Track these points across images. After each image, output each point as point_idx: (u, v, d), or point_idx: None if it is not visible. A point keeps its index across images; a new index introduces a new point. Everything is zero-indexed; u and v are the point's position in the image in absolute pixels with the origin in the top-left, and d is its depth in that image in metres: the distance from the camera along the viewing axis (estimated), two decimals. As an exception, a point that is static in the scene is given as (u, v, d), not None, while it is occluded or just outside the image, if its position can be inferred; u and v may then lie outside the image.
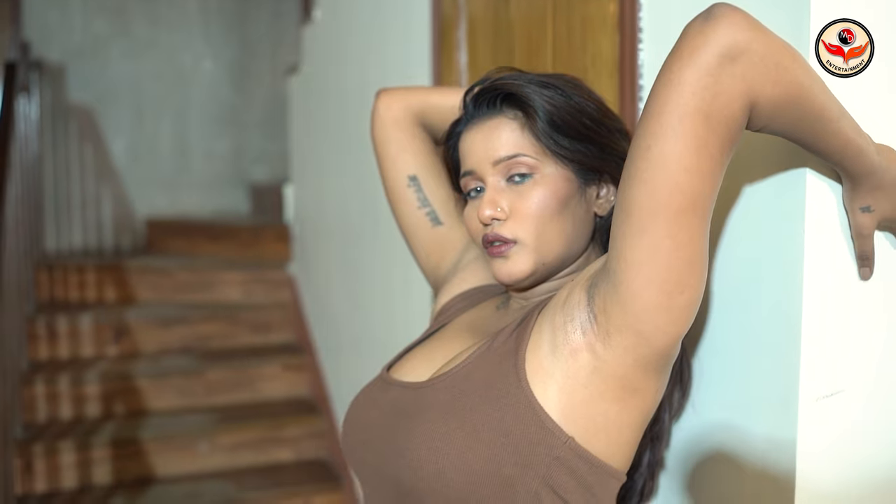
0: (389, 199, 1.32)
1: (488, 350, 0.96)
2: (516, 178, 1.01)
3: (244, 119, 4.64)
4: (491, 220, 1.01)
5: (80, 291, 3.71)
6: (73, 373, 3.16)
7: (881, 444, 1.02)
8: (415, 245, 1.31)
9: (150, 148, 4.47)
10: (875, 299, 0.99)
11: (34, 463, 2.85)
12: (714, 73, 0.77)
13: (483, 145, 1.03)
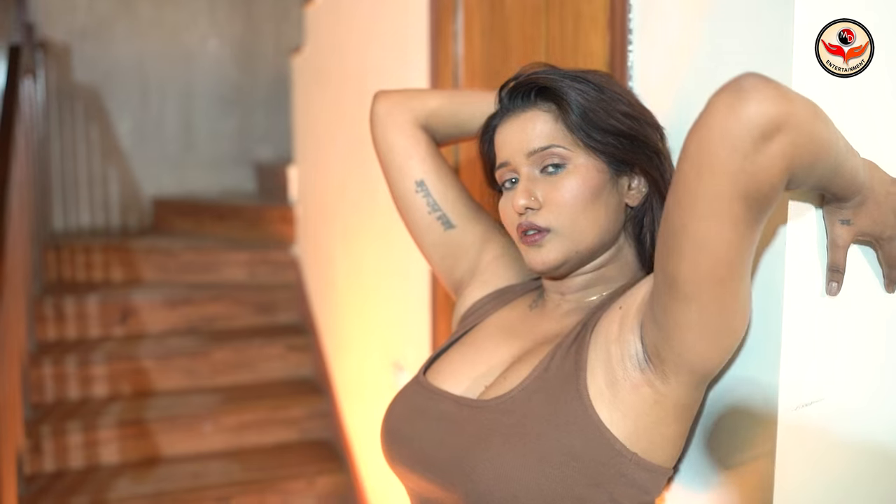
0: (399, 207, 1.29)
1: (546, 371, 0.98)
2: (550, 168, 1.03)
3: (249, 98, 4.65)
4: (525, 209, 1.03)
5: (87, 272, 3.75)
6: (81, 353, 3.20)
7: (859, 452, 1.04)
8: (428, 250, 1.29)
9: (155, 127, 4.49)
10: (853, 309, 1.00)
11: (42, 443, 2.90)
12: (751, 156, 0.74)
13: (517, 137, 1.05)
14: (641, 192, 1.07)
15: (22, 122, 3.25)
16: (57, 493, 2.77)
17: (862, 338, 1.01)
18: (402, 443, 1.07)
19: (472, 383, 1.06)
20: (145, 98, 4.45)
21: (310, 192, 3.64)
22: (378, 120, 1.28)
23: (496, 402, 0.98)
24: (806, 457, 1.01)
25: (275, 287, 3.73)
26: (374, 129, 1.29)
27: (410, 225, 1.28)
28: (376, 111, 1.28)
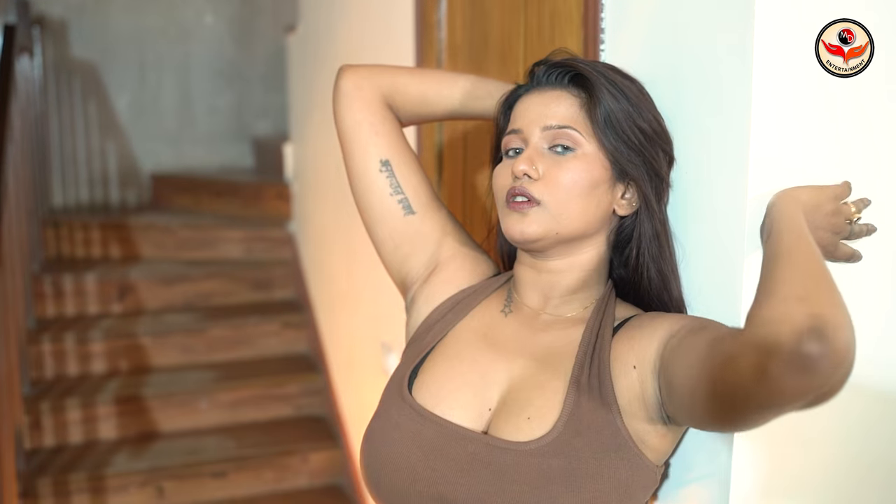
0: (356, 188, 1.24)
1: (578, 408, 0.97)
2: (559, 148, 1.05)
3: (246, 74, 4.65)
4: (524, 174, 1.03)
5: (86, 249, 3.79)
6: (79, 330, 3.25)
7: (814, 448, 1.07)
8: (382, 236, 1.23)
9: (153, 103, 4.50)
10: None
11: (42, 419, 2.96)
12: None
13: (539, 109, 1.07)
14: (632, 205, 1.08)
15: (18, 99, 3.27)
16: (56, 468, 2.83)
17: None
18: (413, 482, 0.99)
19: (476, 411, 1.03)
20: (143, 74, 4.46)
21: (305, 169, 3.66)
22: (344, 94, 1.23)
23: (539, 445, 0.96)
24: (760, 452, 1.05)
25: (271, 264, 3.76)
26: (338, 103, 1.23)
27: (367, 209, 1.23)
28: (342, 86, 1.23)
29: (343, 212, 2.93)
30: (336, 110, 1.24)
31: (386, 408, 1.08)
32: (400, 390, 1.08)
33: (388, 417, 1.06)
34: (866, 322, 0.99)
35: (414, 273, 1.22)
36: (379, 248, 1.26)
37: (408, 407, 1.05)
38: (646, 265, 1.08)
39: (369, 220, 1.24)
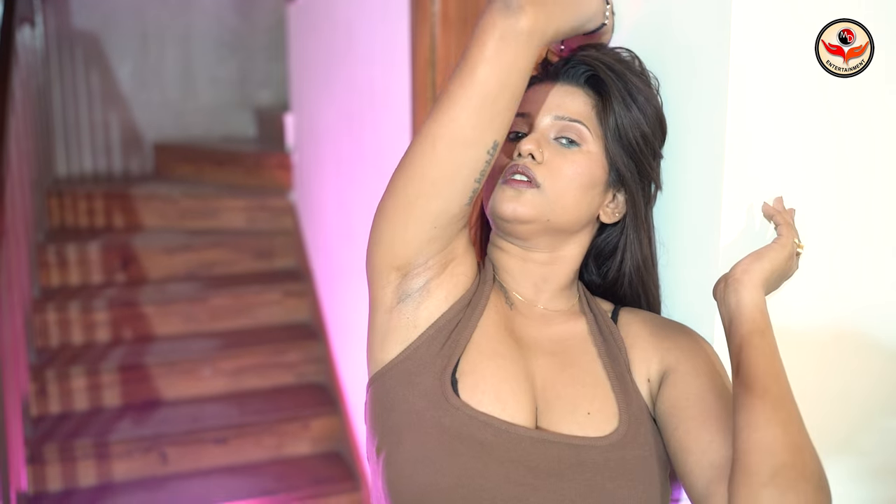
0: (447, 155, 0.94)
1: (627, 398, 1.01)
2: (564, 140, 1.05)
3: (249, 44, 4.65)
4: (528, 154, 1.03)
5: (89, 218, 3.82)
6: (83, 299, 3.29)
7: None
8: (435, 218, 0.97)
9: (155, 73, 4.51)
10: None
11: (47, 387, 3.01)
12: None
13: (553, 99, 1.06)
14: (615, 214, 1.10)
15: (20, 70, 3.29)
16: (62, 434, 2.89)
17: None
18: (494, 501, 0.91)
19: (528, 411, 0.97)
20: (145, 43, 4.46)
21: (305, 139, 3.68)
22: (519, 41, 0.91)
23: (617, 437, 0.97)
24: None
25: (273, 233, 3.79)
26: (504, 52, 0.90)
27: (447, 185, 0.96)
28: (524, 26, 0.90)
29: (341, 182, 2.96)
30: (493, 61, 0.91)
31: (433, 419, 0.93)
32: (446, 398, 0.94)
33: (442, 430, 0.92)
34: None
35: (432, 261, 1.01)
36: (418, 226, 0.98)
37: (464, 415, 0.93)
38: (628, 275, 1.11)
39: (442, 197, 0.96)
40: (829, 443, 1.11)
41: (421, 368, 0.97)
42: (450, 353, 0.98)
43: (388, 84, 2.35)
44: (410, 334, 1.00)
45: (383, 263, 1.00)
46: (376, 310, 1.03)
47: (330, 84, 3.08)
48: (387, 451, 0.95)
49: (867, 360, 1.12)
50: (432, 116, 0.95)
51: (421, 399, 0.95)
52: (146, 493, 2.83)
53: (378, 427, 0.98)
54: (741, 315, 0.92)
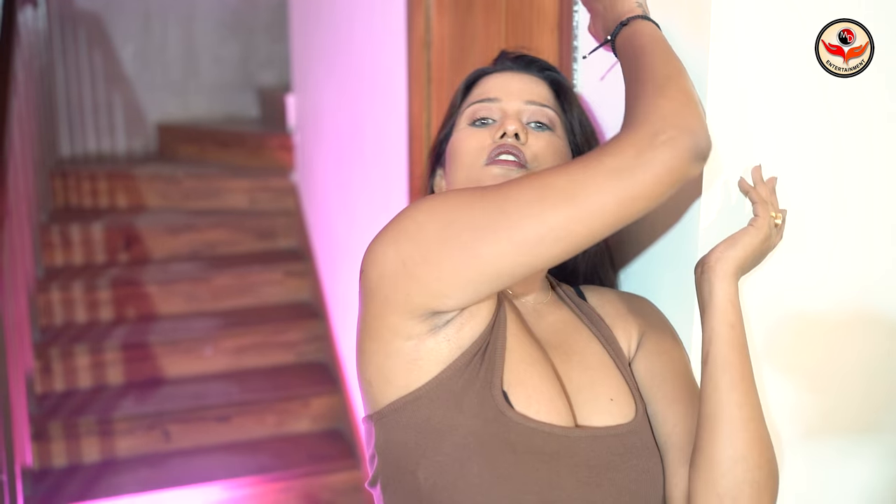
0: (562, 256, 0.86)
1: (631, 378, 1.04)
2: (534, 125, 1.06)
3: (251, 24, 4.65)
4: (514, 134, 1.01)
5: (93, 198, 3.85)
6: (87, 279, 3.33)
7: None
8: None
9: (158, 54, 4.52)
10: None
11: (52, 364, 3.05)
12: None
13: (520, 85, 1.07)
14: None
15: (22, 51, 3.31)
16: (66, 411, 2.93)
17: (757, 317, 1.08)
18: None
19: (567, 407, 0.95)
20: (147, 24, 4.47)
21: (306, 120, 3.69)
22: (695, 164, 0.85)
23: (641, 419, 0.99)
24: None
25: (275, 213, 3.81)
26: (671, 164, 0.82)
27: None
28: (702, 152, 0.84)
29: (342, 164, 2.97)
30: (664, 196, 0.84)
31: (498, 437, 0.88)
32: (503, 413, 0.89)
33: (511, 448, 0.89)
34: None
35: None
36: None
37: (527, 428, 0.90)
38: (590, 256, 1.15)
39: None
40: (851, 423, 1.14)
41: (466, 388, 0.89)
42: (490, 366, 0.91)
43: (386, 65, 2.36)
44: (452, 354, 0.90)
45: (422, 304, 0.87)
46: (394, 337, 0.89)
47: (330, 65, 3.09)
48: (443, 478, 0.88)
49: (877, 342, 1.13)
50: (568, 204, 0.81)
51: (474, 419, 0.88)
52: (149, 470, 2.87)
53: (416, 455, 0.90)
54: (713, 306, 0.94)
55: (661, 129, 0.81)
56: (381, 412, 0.92)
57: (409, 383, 0.90)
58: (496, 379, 0.90)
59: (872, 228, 1.09)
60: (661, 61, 0.92)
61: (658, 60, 0.93)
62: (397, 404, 0.90)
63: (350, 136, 2.83)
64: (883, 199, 1.08)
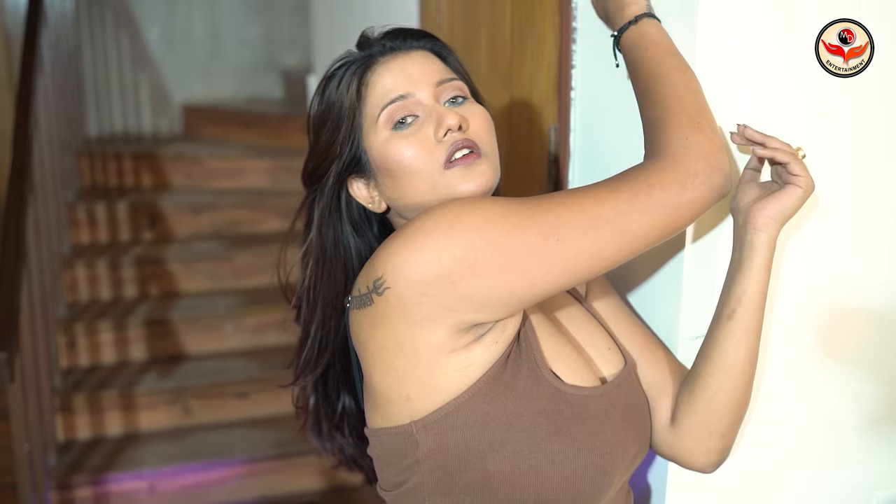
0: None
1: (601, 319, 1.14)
2: (451, 101, 1.01)
3: (274, 5, 4.68)
4: (458, 126, 0.97)
5: (119, 178, 3.91)
6: (112, 257, 3.39)
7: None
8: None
9: (183, 35, 4.57)
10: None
11: (77, 340, 3.12)
12: None
13: (418, 69, 1.00)
14: None
15: (49, 32, 3.36)
16: (90, 386, 3.00)
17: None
18: (625, 451, 1.00)
19: (590, 367, 1.03)
20: (173, 5, 4.52)
21: (328, 101, 3.72)
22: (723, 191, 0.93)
23: (630, 360, 1.09)
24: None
25: (296, 193, 3.79)
26: (707, 201, 0.91)
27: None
28: (729, 189, 0.94)
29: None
30: (700, 202, 0.91)
31: (567, 414, 0.95)
32: (561, 391, 0.95)
33: (581, 420, 0.95)
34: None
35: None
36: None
37: (584, 398, 0.96)
38: None
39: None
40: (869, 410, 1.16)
41: (515, 375, 0.94)
42: (528, 349, 0.96)
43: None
44: (500, 350, 0.93)
45: (470, 319, 0.90)
46: (437, 352, 0.91)
47: (349, 46, 3.11)
48: (523, 464, 0.92)
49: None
50: (620, 237, 0.88)
51: (535, 401, 0.93)
52: (170, 444, 2.94)
53: (482, 450, 0.92)
54: (751, 269, 0.99)
55: (701, 170, 0.89)
56: (427, 419, 0.93)
57: (461, 387, 0.92)
58: (539, 359, 0.95)
59: (872, 229, 1.09)
60: (683, 83, 0.96)
61: (680, 81, 0.96)
62: (448, 408, 0.92)
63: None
64: (883, 198, 1.08)
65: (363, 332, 0.95)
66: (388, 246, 0.91)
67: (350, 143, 1.02)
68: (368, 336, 0.94)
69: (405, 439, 0.95)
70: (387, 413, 0.96)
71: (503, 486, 0.93)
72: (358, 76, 1.01)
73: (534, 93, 1.56)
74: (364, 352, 0.96)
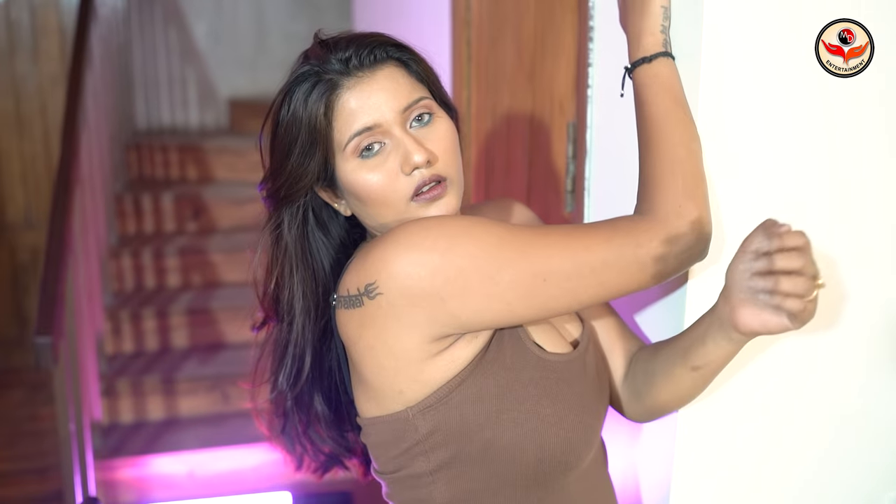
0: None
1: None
2: (421, 118, 1.01)
3: (319, 1, 4.75)
4: (425, 162, 0.98)
5: (165, 170, 4.02)
6: (156, 246, 3.49)
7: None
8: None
9: (230, 30, 4.66)
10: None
11: (122, 327, 3.22)
12: None
13: (383, 95, 0.99)
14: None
15: (100, 27, 3.47)
16: (134, 371, 3.10)
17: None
18: (602, 405, 1.10)
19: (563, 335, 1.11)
20: (219, 1, 4.61)
21: (368, 96, 3.77)
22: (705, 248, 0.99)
23: (588, 327, 1.14)
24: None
25: (336, 187, 3.90)
26: (686, 266, 0.98)
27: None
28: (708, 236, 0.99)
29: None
30: (688, 256, 0.97)
31: (554, 380, 1.02)
32: (545, 360, 1.02)
33: (567, 384, 1.03)
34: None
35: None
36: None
37: (566, 362, 1.04)
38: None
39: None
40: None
41: (500, 350, 1.00)
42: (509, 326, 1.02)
43: (432, 42, 2.42)
44: (482, 340, 0.99)
45: (452, 332, 0.96)
46: (423, 354, 0.97)
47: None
48: (522, 428, 0.98)
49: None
50: (601, 286, 0.95)
51: (523, 372, 1.00)
52: (209, 429, 3.02)
53: (479, 422, 0.98)
54: (729, 344, 0.99)
55: (687, 239, 0.94)
56: (422, 404, 0.98)
57: (449, 375, 0.98)
58: (522, 333, 1.02)
59: (872, 229, 1.09)
60: (685, 144, 0.99)
61: (683, 142, 0.99)
62: (441, 392, 0.98)
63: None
64: (883, 198, 1.08)
65: (352, 332, 0.99)
66: (381, 252, 0.94)
67: (325, 169, 1.02)
68: (357, 336, 0.98)
69: (403, 425, 1.00)
70: (381, 403, 1.01)
71: (504, 451, 0.99)
72: (324, 100, 0.99)
73: (555, 89, 1.58)
74: (353, 350, 1.00)
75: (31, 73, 4.19)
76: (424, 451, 1.00)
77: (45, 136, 4.20)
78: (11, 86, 4.18)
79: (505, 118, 1.89)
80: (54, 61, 4.19)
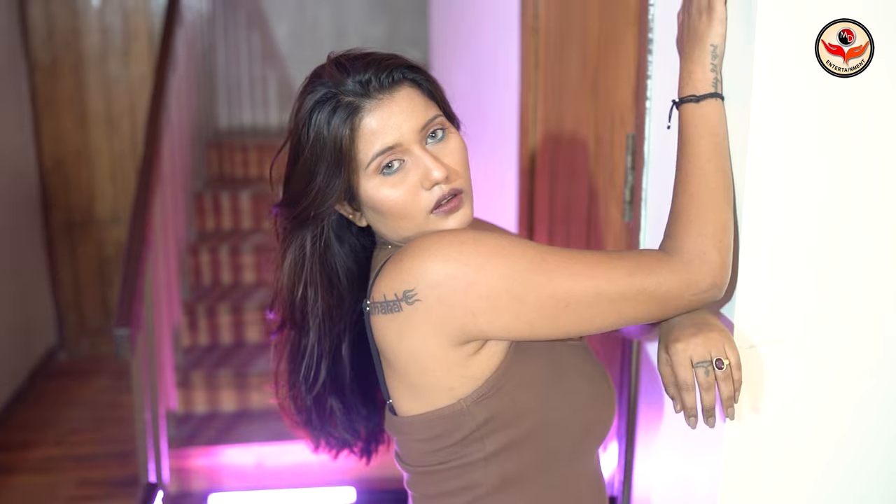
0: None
1: None
2: (431, 137, 1.06)
3: (397, 4, 4.82)
4: (444, 178, 1.03)
5: (244, 168, 4.14)
6: (233, 243, 3.60)
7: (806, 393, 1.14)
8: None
9: (310, 32, 4.77)
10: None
11: (198, 320, 3.34)
12: None
13: (402, 116, 1.03)
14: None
15: (185, 31, 3.59)
16: (208, 364, 3.21)
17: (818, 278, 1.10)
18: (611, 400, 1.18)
19: None
20: (301, 4, 4.72)
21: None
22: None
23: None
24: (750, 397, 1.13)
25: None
26: (697, 307, 1.04)
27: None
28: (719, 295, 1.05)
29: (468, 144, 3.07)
30: (713, 288, 1.03)
31: (567, 363, 1.12)
32: (567, 341, 1.13)
33: (578, 360, 1.14)
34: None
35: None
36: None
37: (571, 349, 1.14)
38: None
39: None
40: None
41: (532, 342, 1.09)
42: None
43: (503, 50, 2.44)
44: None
45: (478, 339, 1.03)
46: (462, 354, 1.03)
47: (459, 47, 3.19)
48: (568, 402, 1.10)
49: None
50: (617, 315, 1.01)
51: (554, 354, 1.11)
52: (278, 422, 3.09)
53: (530, 405, 1.07)
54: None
55: (706, 284, 1.00)
56: (476, 393, 1.05)
57: (495, 365, 1.06)
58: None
59: (873, 229, 1.07)
60: (723, 193, 1.02)
61: (720, 190, 1.02)
62: (492, 380, 1.06)
63: (473, 118, 2.93)
64: (883, 198, 1.06)
65: (391, 336, 1.03)
66: (418, 261, 0.99)
67: (348, 187, 1.07)
68: (398, 340, 1.03)
69: (458, 416, 1.06)
70: (430, 400, 1.06)
71: (555, 427, 1.09)
72: (350, 123, 1.03)
73: (616, 100, 1.59)
74: (393, 354, 1.05)
75: (122, 75, 4.36)
76: (480, 438, 1.07)
77: (133, 135, 4.38)
78: (104, 86, 4.36)
79: (568, 126, 1.90)
80: (143, 63, 4.36)
